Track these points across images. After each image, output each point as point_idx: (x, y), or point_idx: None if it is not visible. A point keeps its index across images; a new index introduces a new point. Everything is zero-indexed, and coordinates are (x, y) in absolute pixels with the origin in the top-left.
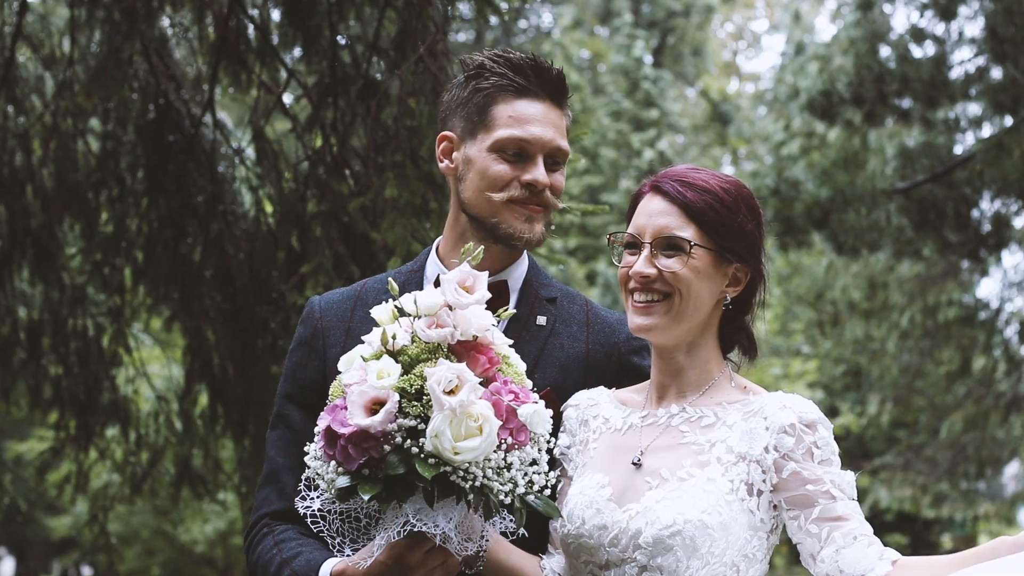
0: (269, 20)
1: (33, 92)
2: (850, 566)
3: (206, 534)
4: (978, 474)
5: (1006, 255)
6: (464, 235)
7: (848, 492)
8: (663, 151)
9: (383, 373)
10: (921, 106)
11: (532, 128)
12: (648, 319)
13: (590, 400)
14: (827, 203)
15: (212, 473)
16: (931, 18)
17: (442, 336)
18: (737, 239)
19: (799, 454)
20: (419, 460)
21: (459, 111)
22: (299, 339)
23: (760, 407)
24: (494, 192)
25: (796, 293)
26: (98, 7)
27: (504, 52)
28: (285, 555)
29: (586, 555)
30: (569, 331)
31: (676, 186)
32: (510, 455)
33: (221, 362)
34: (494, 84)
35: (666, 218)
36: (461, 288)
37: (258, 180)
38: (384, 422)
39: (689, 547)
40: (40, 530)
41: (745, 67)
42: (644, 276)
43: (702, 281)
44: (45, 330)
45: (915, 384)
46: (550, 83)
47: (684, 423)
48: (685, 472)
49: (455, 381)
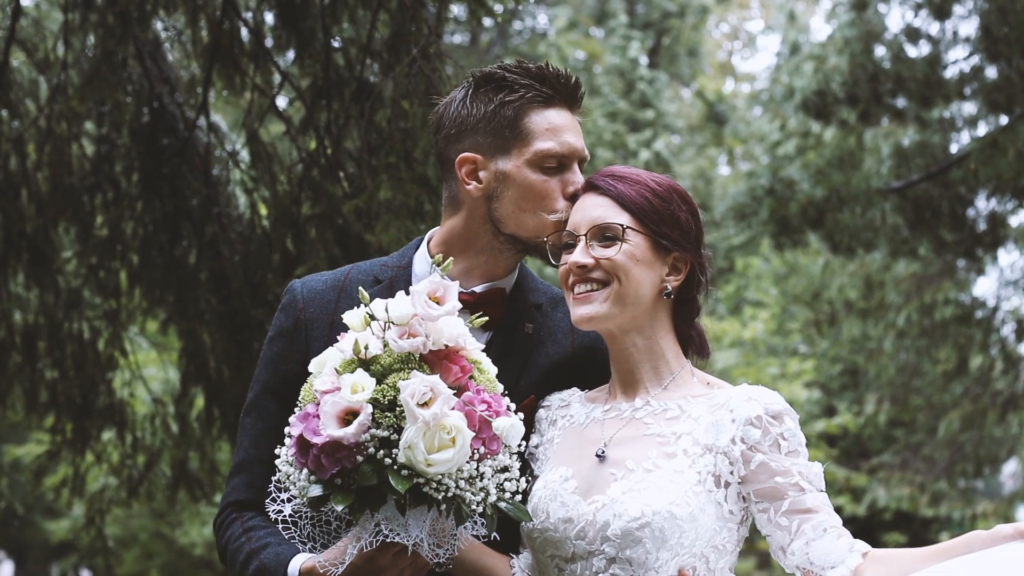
0: (262, 23)
1: (27, 96)
2: (820, 558)
3: (204, 537)
4: (976, 472)
5: (1002, 253)
6: (486, 250)
7: (816, 484)
8: (659, 152)
9: (358, 387)
10: (916, 105)
11: (567, 138)
12: (588, 308)
13: (561, 401)
14: (823, 203)
15: (208, 476)
16: (925, 17)
17: (414, 346)
18: (671, 226)
19: (766, 445)
20: (392, 472)
21: (482, 127)
22: (280, 328)
23: (726, 400)
24: (546, 213)
25: (792, 293)
26: (92, 11)
27: (520, 63)
28: (254, 545)
29: (552, 549)
30: (553, 338)
31: (609, 180)
32: (482, 464)
33: (217, 365)
34: (522, 96)
35: (599, 210)
36: (431, 299)
37: (252, 183)
38: (357, 434)
39: (658, 539)
40: (38, 533)
41: (740, 67)
42: (581, 266)
43: (640, 267)
44: (41, 334)
45: (912, 383)
46: (572, 90)
47: (648, 415)
48: (651, 463)
49: (428, 394)
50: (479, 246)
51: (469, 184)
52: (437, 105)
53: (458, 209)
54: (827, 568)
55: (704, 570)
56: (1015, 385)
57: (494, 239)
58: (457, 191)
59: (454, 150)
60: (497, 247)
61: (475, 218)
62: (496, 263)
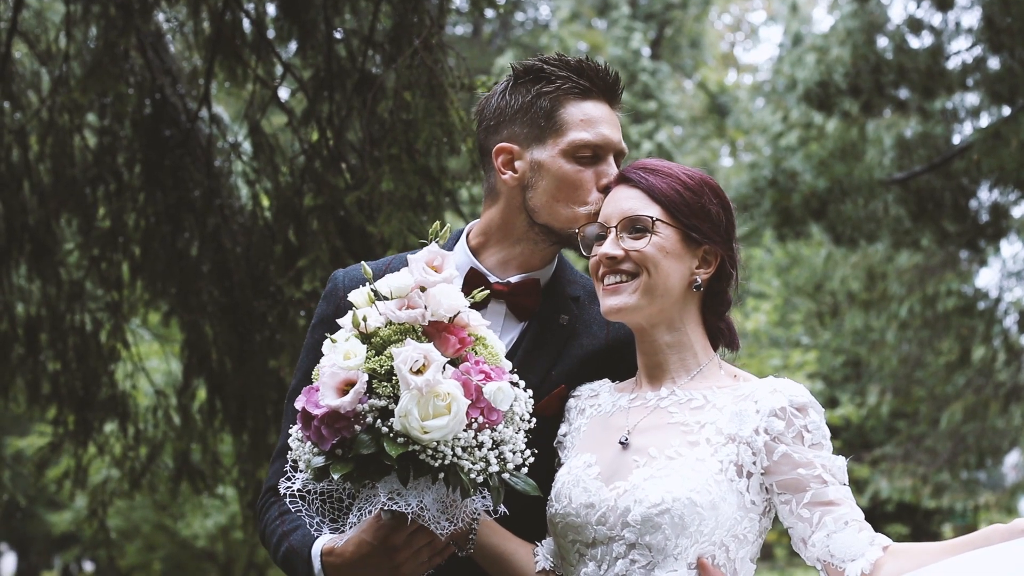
0: (264, 14)
1: (29, 88)
2: (841, 551)
3: (207, 529)
4: (978, 464)
5: (1004, 245)
6: (522, 240)
7: (839, 477)
8: (661, 143)
9: (349, 354)
10: (918, 96)
11: (602, 129)
12: (617, 299)
13: (591, 391)
14: (825, 194)
15: (211, 467)
16: (928, 8)
17: (412, 317)
18: (702, 219)
19: (789, 437)
20: (387, 439)
21: (519, 117)
22: (321, 315)
23: (751, 391)
24: (577, 205)
25: (795, 284)
26: (93, 2)
27: (560, 56)
28: (286, 528)
29: (573, 534)
30: (589, 330)
31: (640, 173)
32: (482, 434)
33: (219, 356)
34: (559, 87)
35: (630, 202)
36: (429, 267)
37: (255, 174)
38: (353, 402)
39: (678, 525)
40: (41, 526)
41: (743, 58)
42: (611, 257)
43: (670, 260)
44: (43, 326)
45: (915, 374)
46: (610, 84)
47: (673, 404)
48: (674, 451)
49: (422, 361)
50: (515, 236)
51: (505, 174)
52: (480, 99)
53: (496, 200)
54: (847, 560)
55: (724, 559)
56: (1017, 376)
57: (529, 229)
58: (494, 181)
59: (493, 141)
60: (533, 238)
61: (511, 208)
62: (532, 254)
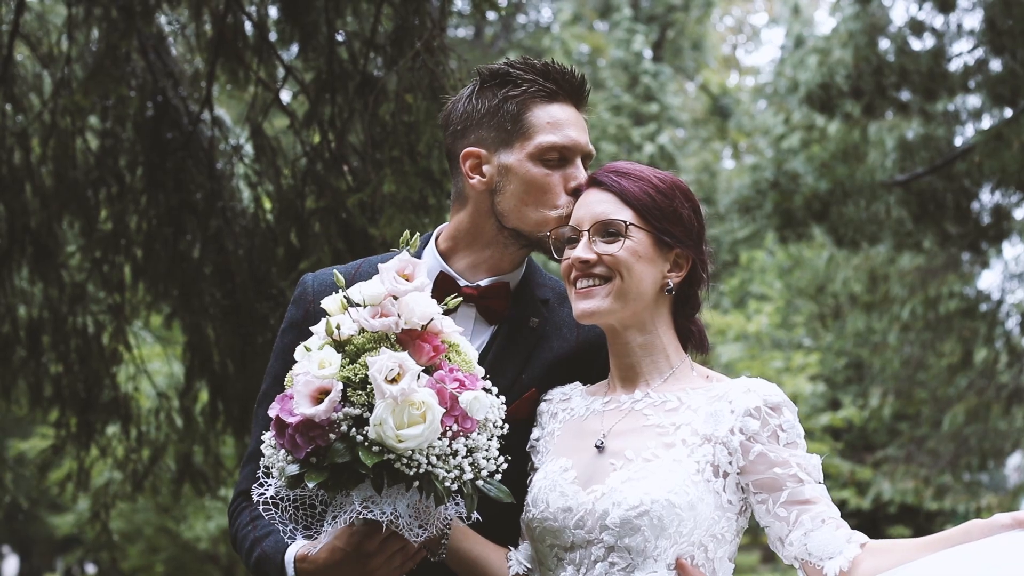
0: (266, 17)
1: (31, 90)
2: (819, 549)
3: (209, 531)
4: (981, 466)
5: (1007, 247)
6: (491, 244)
7: (815, 475)
8: (663, 145)
9: (324, 363)
10: (920, 98)
11: (569, 132)
12: (590, 303)
13: (563, 395)
14: (827, 196)
15: (213, 470)
16: (930, 10)
17: (385, 325)
18: (673, 223)
19: (764, 436)
20: (362, 448)
21: (486, 121)
22: (291, 320)
23: (724, 391)
24: (546, 208)
25: (797, 286)
26: (96, 5)
27: (525, 59)
28: (258, 533)
29: (551, 538)
30: (559, 333)
31: (612, 176)
32: (456, 442)
33: (221, 359)
34: (525, 91)
35: (603, 206)
36: (400, 276)
37: (256, 176)
38: (328, 411)
39: (657, 527)
40: (43, 528)
41: (745, 61)
42: (583, 261)
43: (642, 264)
44: (45, 328)
45: (917, 376)
46: (576, 86)
47: (647, 407)
48: (650, 453)
49: (396, 370)
50: (484, 240)
51: (473, 178)
52: (446, 103)
53: (464, 204)
54: (825, 559)
55: (703, 559)
56: (1020, 378)
57: (498, 233)
58: (463, 186)
59: (460, 145)
60: (502, 241)
61: (480, 212)
62: (502, 257)
